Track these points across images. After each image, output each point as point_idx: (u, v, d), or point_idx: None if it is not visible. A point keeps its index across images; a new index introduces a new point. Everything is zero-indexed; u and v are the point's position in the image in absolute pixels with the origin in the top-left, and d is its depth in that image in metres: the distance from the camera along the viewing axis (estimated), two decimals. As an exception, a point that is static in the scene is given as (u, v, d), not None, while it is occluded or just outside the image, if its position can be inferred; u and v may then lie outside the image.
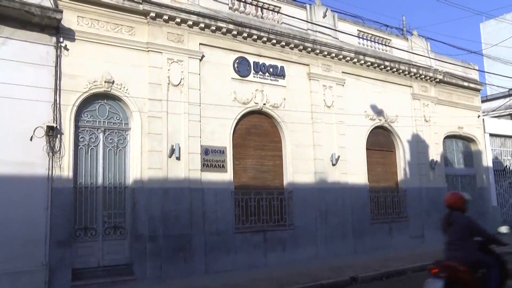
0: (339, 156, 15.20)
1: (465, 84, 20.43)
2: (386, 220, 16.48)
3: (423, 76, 18.61)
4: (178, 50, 12.58)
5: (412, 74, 18.27)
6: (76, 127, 11.10)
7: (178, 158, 11.97)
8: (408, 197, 17.31)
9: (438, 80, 19.19)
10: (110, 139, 11.64)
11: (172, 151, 11.88)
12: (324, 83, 15.57)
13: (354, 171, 15.75)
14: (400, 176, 17.49)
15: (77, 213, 10.83)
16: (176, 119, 12.23)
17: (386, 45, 17.99)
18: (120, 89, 11.64)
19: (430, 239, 17.25)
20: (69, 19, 11.12)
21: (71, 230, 10.54)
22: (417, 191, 17.62)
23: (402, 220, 16.97)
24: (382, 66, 17.29)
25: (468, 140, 20.90)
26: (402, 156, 17.61)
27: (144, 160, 11.62)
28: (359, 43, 17.15)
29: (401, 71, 17.90)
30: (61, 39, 10.90)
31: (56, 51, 10.76)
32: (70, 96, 10.95)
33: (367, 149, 16.46)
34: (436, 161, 18.28)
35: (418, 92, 18.60)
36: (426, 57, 18.81)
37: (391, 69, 17.60)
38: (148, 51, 12.14)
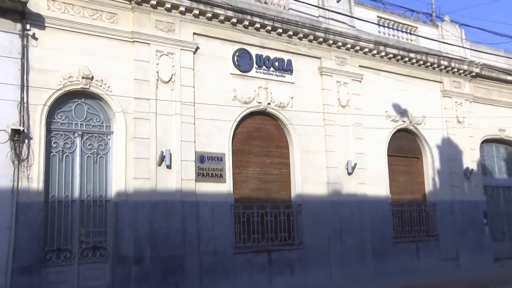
0: (355, 164, 15.12)
1: (508, 78, 20.18)
2: (412, 239, 16.37)
3: (455, 70, 18.51)
4: (169, 41, 12.55)
5: (443, 67, 18.17)
6: (48, 130, 11.08)
7: (169, 167, 11.96)
8: (438, 212, 17.17)
9: (474, 74, 19.05)
10: (88, 145, 11.64)
11: (162, 158, 11.85)
12: (338, 79, 15.53)
13: (374, 181, 15.69)
14: (428, 187, 17.37)
15: (48, 233, 10.74)
16: (167, 121, 12.21)
17: (411, 34, 17.91)
18: (101, 86, 11.62)
19: (466, 263, 17.06)
20: (37, 3, 11.06)
21: (40, 253, 10.40)
22: (449, 205, 17.49)
23: (431, 239, 16.84)
24: (407, 59, 17.20)
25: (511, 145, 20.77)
26: (431, 163, 17.48)
27: (129, 169, 11.60)
28: (380, 32, 17.08)
29: (429, 64, 17.80)
30: (28, 26, 10.79)
31: (22, 41, 10.65)
32: (41, 95, 10.89)
33: (388, 155, 16.40)
34: (472, 169, 18.14)
35: (449, 88, 18.49)
36: (460, 47, 18.72)
37: (417, 62, 17.50)
38: (133, 42, 12.12)
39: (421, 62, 17.61)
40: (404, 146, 17.19)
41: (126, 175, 11.55)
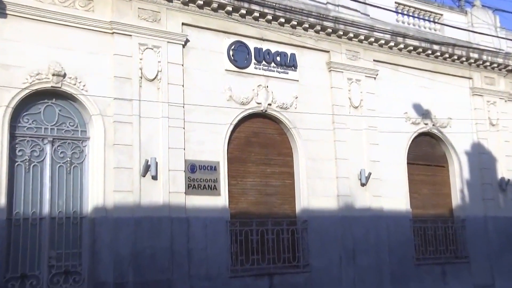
0: (370, 174, 15.10)
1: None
2: (437, 261, 16.32)
3: (488, 64, 18.47)
4: (154, 32, 12.57)
5: (472, 61, 18.15)
6: (12, 136, 11.03)
7: (154, 178, 11.98)
8: (468, 229, 17.11)
9: (510, 68, 19.00)
10: (60, 153, 11.60)
11: (147, 168, 11.86)
12: (349, 76, 15.54)
13: (391, 194, 15.67)
14: (456, 200, 17.34)
15: (10, 256, 10.59)
16: (152, 125, 12.22)
17: (435, 22, 17.89)
18: (75, 84, 11.62)
19: (505, 290, 17.05)
20: (-6, -15, 11.17)
21: (0, 280, 10.24)
22: (481, 222, 17.41)
23: (461, 262, 16.77)
24: (430, 51, 17.19)
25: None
26: (458, 173, 17.46)
27: (108, 181, 11.58)
28: (398, 21, 17.08)
29: (456, 57, 17.80)
30: (-16, 14, 10.94)
31: (-23, 31, 10.80)
32: (2, 94, 10.84)
33: (408, 163, 16.39)
34: (508, 180, 18.05)
35: (480, 85, 18.46)
36: (494, 36, 18.60)
37: (442, 55, 17.49)
38: (112, 33, 12.15)
39: (447, 55, 17.60)
40: (426, 153, 17.18)
41: (105, 187, 11.52)
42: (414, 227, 16.09)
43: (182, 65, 12.94)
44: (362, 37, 15.74)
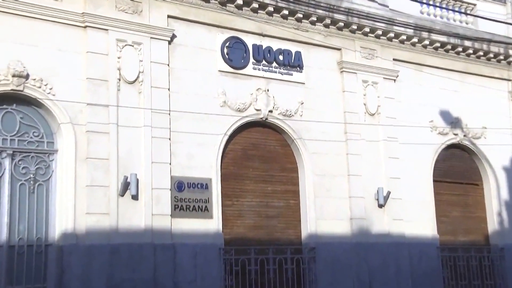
0: (389, 193, 15.10)
1: None
2: (471, 297, 16.37)
3: (531, 63, 18.58)
4: (134, 26, 12.57)
5: (512, 59, 18.33)
6: (-36, 148, 11.18)
7: (135, 197, 11.98)
8: (507, 260, 17.03)
9: (560, 68, 18.99)
10: (22, 168, 11.54)
11: (126, 186, 11.85)
12: (364, 78, 15.59)
13: (415, 217, 15.66)
14: (492, 225, 17.30)
15: (-42, 294, 10.75)
16: (132, 135, 12.21)
17: (467, 14, 17.93)
18: (40, 87, 11.57)
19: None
20: None
21: None
22: (523, 251, 17.38)
23: (499, 298, 16.80)
24: (460, 49, 17.23)
25: None
26: (495, 192, 17.43)
27: (79, 201, 11.53)
28: (422, 13, 17.14)
29: (492, 55, 17.84)
30: None
31: None
32: (-48, 99, 11.03)
33: (434, 181, 16.39)
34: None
35: (521, 88, 18.59)
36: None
37: (475, 52, 17.54)
38: (85, 27, 12.15)
39: (481, 53, 17.66)
40: (456, 169, 17.22)
41: (76, 209, 11.47)
42: (443, 256, 16.06)
43: (168, 65, 12.96)
44: (379, 32, 15.78)
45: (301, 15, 14.65)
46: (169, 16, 13.11)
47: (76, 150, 11.67)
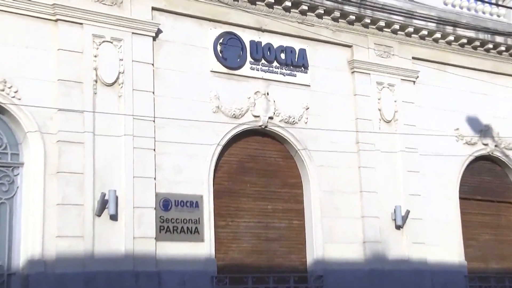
0: (408, 212, 15.08)
1: None
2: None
3: None
4: (113, 19, 12.56)
5: (552, 57, 18.33)
6: None
7: (114, 217, 11.97)
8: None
9: None
10: (-18, 184, 11.41)
11: (104, 204, 11.81)
12: (379, 79, 15.61)
13: (438, 240, 15.63)
14: (531, 250, 17.32)
15: None
16: (111, 145, 12.19)
17: (498, 5, 18.01)
18: (3, 90, 11.54)
19: None
20: None
21: None
22: None
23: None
24: (491, 45, 17.31)
25: None
26: (533, 212, 17.49)
27: (49, 222, 11.48)
28: (446, 3, 17.19)
29: (528, 53, 17.98)
30: None
31: None
32: None
33: (461, 198, 16.39)
34: None
35: None
36: None
37: (507, 50, 17.62)
38: (56, 20, 12.15)
39: (514, 51, 17.75)
40: (487, 184, 17.21)
41: (45, 232, 11.42)
42: (471, 287, 16.01)
43: (153, 64, 12.95)
44: (396, 27, 15.81)
45: (306, 7, 14.65)
46: (153, 8, 13.11)
47: (45, 163, 11.64)
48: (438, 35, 16.42)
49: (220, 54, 13.82)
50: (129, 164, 12.26)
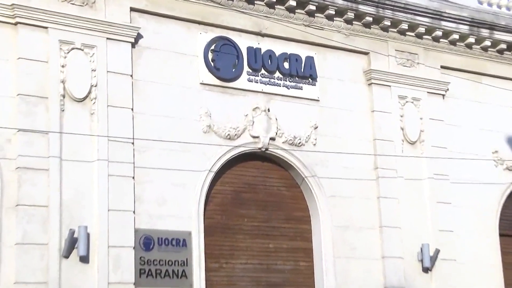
0: (438, 251, 15.04)
1: None
2: None
3: None
4: (84, 22, 12.52)
5: None
6: None
7: (84, 259, 11.87)
8: None
9: None
10: None
11: (72, 243, 11.68)
12: (402, 92, 15.63)
13: (474, 285, 15.52)
14: None
15: None
16: (82, 172, 12.09)
17: None
18: (-49, 108, 11.61)
19: None
20: None
21: None
22: None
23: None
24: None
25: None
26: None
27: (6, 266, 11.37)
28: (481, 2, 17.28)
29: None
30: None
31: None
32: None
33: (501, 235, 16.38)
34: None
35: None
36: None
37: None
38: (15, 24, 12.13)
39: None
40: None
41: (1, 277, 11.31)
42: None
43: (131, 75, 12.89)
44: (422, 30, 15.83)
45: (313, 7, 14.66)
46: (132, 9, 13.09)
47: (1, 194, 11.53)
48: (471, 39, 16.47)
49: (212, 63, 13.79)
50: (103, 195, 12.15)
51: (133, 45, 12.97)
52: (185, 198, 13.02)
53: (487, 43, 16.60)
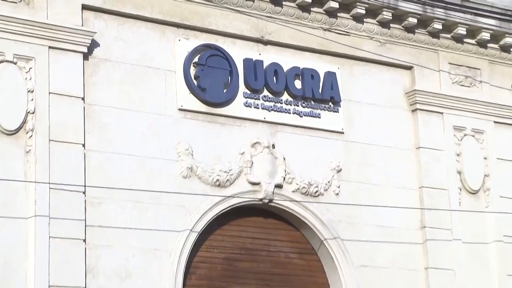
0: None
1: None
2: None
3: None
4: (17, 25, 12.40)
5: None
6: None
7: None
8: None
9: None
10: None
11: None
12: (459, 122, 15.67)
13: None
14: None
15: None
16: (13, 234, 11.98)
17: None
18: None
19: None
20: None
21: None
22: None
23: None
24: None
25: None
26: None
27: None
28: None
29: None
30: None
31: None
32: None
33: None
34: None
35: None
36: None
37: None
38: None
39: None
40: None
41: None
42: None
43: (83, 98, 12.82)
44: (486, 36, 15.79)
45: (336, 5, 14.68)
46: (85, 8, 13.09)
47: None
48: (557, 47, 16.47)
49: (195, 82, 13.77)
50: (42, 265, 11.96)
51: (86, 56, 12.87)
52: (157, 269, 12.89)
53: None
